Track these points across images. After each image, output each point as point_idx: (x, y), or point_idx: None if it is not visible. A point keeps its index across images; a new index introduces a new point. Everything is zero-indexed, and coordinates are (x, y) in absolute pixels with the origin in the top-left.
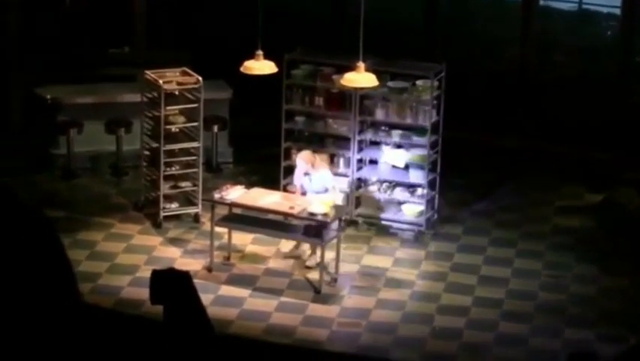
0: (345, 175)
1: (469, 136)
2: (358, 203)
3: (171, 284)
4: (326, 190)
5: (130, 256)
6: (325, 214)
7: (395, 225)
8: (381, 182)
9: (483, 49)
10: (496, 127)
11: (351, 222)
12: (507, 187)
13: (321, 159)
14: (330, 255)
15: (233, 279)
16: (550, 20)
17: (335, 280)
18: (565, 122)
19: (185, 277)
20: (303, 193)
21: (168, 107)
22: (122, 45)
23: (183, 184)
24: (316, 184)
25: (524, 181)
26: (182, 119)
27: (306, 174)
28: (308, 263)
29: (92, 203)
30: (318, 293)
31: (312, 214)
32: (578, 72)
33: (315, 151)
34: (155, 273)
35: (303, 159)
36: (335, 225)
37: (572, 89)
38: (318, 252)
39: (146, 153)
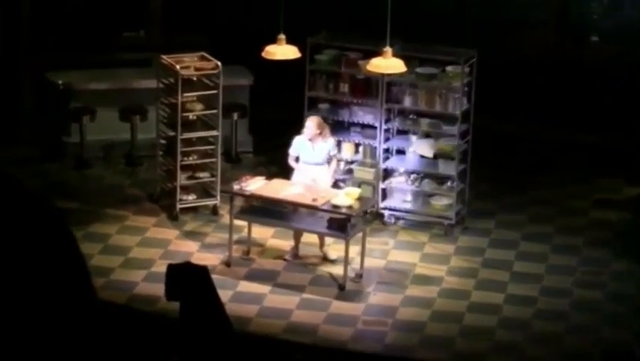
0: (371, 166)
1: (501, 125)
2: (385, 195)
3: (188, 279)
4: (328, 161)
5: (145, 250)
6: (350, 207)
7: (423, 218)
8: (409, 173)
9: (516, 33)
10: (530, 115)
11: (377, 215)
12: (540, 179)
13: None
14: (354, 249)
15: (253, 274)
16: (586, 3)
17: (360, 276)
18: (602, 111)
19: (202, 272)
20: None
21: (185, 94)
22: (137, 28)
23: (201, 175)
24: (319, 154)
25: (559, 173)
26: (200, 106)
27: (310, 140)
28: (331, 256)
29: (106, 194)
30: (342, 290)
31: (335, 207)
32: (615, 57)
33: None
34: (171, 267)
35: (315, 123)
36: (360, 218)
37: (609, 75)
38: (332, 246)
39: (162, 141)
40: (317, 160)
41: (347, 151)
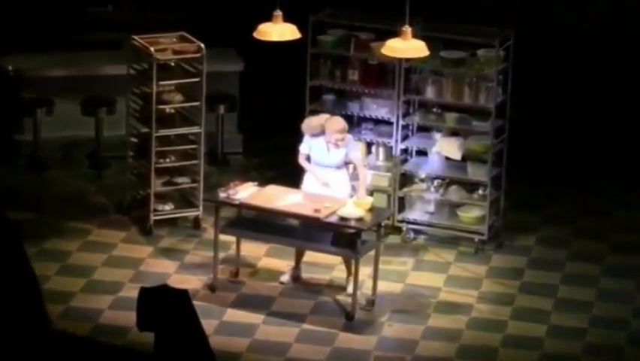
0: (385, 169)
1: (544, 120)
2: (403, 205)
3: (164, 306)
4: (345, 166)
5: (112, 271)
6: (360, 219)
7: (449, 233)
8: (432, 178)
9: (560, 9)
10: (578, 109)
11: (394, 230)
12: (591, 185)
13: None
14: (366, 271)
15: (243, 301)
16: None
17: (372, 303)
18: None
19: (182, 297)
20: (307, 160)
21: (162, 82)
22: (104, 2)
23: (180, 180)
24: (335, 157)
25: (612, 178)
26: (179, 97)
27: (327, 141)
28: (349, 290)
29: (65, 203)
30: (350, 320)
31: (343, 219)
32: None
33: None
34: (143, 292)
35: (337, 128)
36: (373, 233)
37: None
38: (339, 267)
39: (133, 139)
40: (332, 162)
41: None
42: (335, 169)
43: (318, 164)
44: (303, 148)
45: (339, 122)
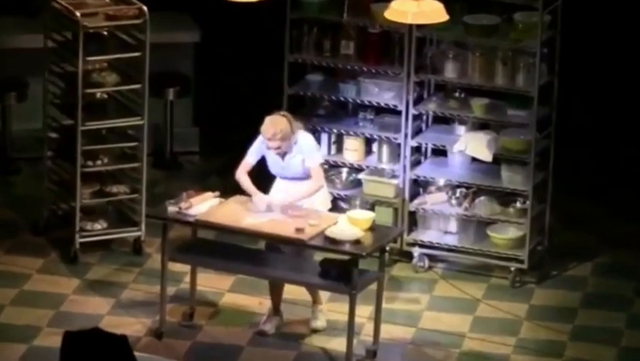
0: (391, 175)
1: (601, 108)
2: (414, 222)
3: (96, 356)
4: (305, 177)
5: (25, 311)
6: (357, 242)
7: (477, 260)
8: (454, 187)
9: None
10: None
11: (402, 256)
12: None
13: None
14: (365, 311)
15: (200, 351)
16: None
17: (373, 354)
18: None
19: (118, 345)
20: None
21: (91, 58)
22: None
23: (115, 189)
24: (292, 168)
25: None
26: (114, 78)
27: (269, 148)
28: (313, 324)
29: None
30: None
31: (334, 241)
32: None
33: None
34: (68, 338)
35: (269, 130)
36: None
37: None
38: (323, 307)
39: (53, 135)
40: (290, 173)
41: (352, 151)
42: (299, 180)
43: (278, 176)
44: (249, 155)
45: (269, 123)
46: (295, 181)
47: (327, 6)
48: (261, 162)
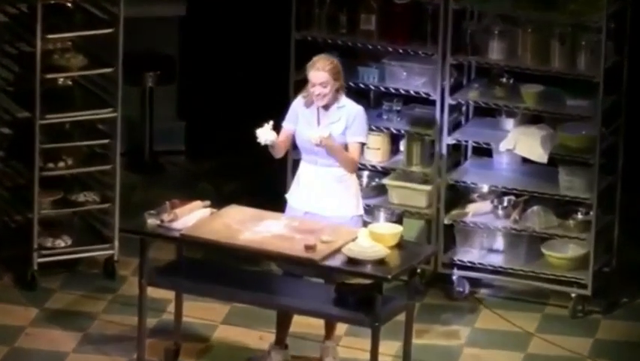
0: (423, 180)
1: None
2: (452, 239)
3: None
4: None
5: None
6: (382, 262)
7: (529, 285)
8: (500, 194)
9: None
10: None
11: (437, 279)
12: None
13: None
14: (390, 348)
15: None
16: None
17: None
18: None
19: None
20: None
21: (52, 36)
22: None
23: (82, 198)
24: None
25: None
26: (80, 60)
27: (312, 104)
28: None
29: None
30: None
31: (353, 261)
32: None
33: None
34: None
35: (326, 68)
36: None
37: None
38: (333, 344)
39: (4, 130)
40: (322, 148)
41: (374, 150)
42: (327, 164)
43: (303, 151)
44: (286, 123)
45: (321, 58)
46: (325, 167)
47: None
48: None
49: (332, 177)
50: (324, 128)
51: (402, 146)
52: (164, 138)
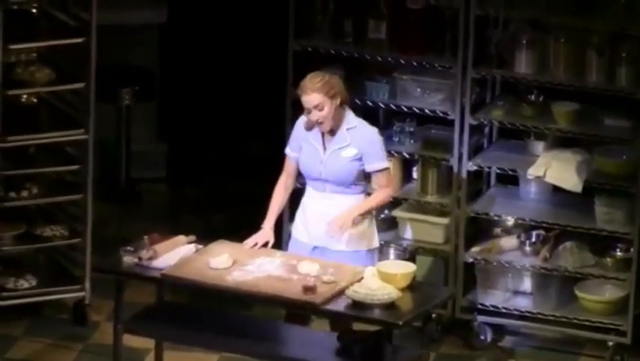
0: (439, 211)
1: None
2: (472, 279)
3: None
4: (360, 187)
5: None
6: (391, 305)
7: (561, 332)
8: (527, 228)
9: None
10: None
11: (456, 326)
12: None
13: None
14: None
15: None
16: None
17: None
18: None
19: None
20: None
21: (14, 46)
22: None
23: (48, 232)
24: (337, 164)
25: None
26: (46, 74)
27: (313, 127)
28: None
29: None
30: None
31: (358, 305)
32: None
33: None
34: None
35: (319, 85)
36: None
37: None
38: None
39: None
40: (335, 177)
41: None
42: (338, 191)
43: (309, 178)
44: (288, 147)
45: (309, 78)
46: (336, 195)
47: None
48: (259, 215)
49: (344, 206)
50: (331, 152)
51: (415, 172)
52: (142, 162)
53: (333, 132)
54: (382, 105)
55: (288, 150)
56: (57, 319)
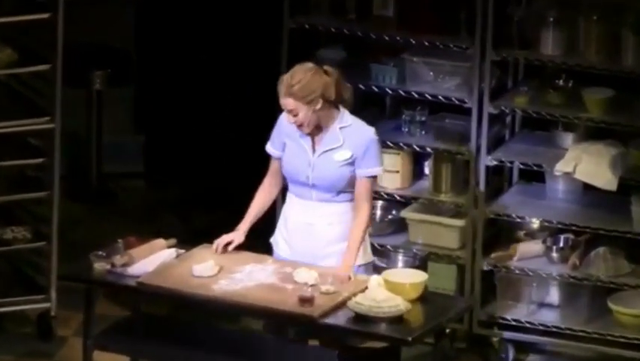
0: (454, 213)
1: None
2: (491, 290)
3: None
4: (341, 196)
5: None
6: (399, 319)
7: (593, 349)
8: (554, 231)
9: None
10: None
11: (472, 342)
12: None
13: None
14: None
15: None
16: None
17: None
18: None
19: None
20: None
21: None
22: None
23: (9, 234)
24: (327, 168)
25: None
26: (7, 54)
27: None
28: None
29: None
30: None
31: (361, 318)
32: None
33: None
34: None
35: (289, 87)
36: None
37: None
38: None
39: None
40: (324, 182)
41: (392, 173)
42: (326, 199)
43: (293, 183)
44: (270, 145)
45: (289, 74)
46: (323, 204)
47: None
48: None
49: (332, 216)
50: (321, 154)
51: (427, 168)
52: (116, 156)
53: (322, 130)
54: (390, 91)
55: (269, 148)
56: (18, 333)
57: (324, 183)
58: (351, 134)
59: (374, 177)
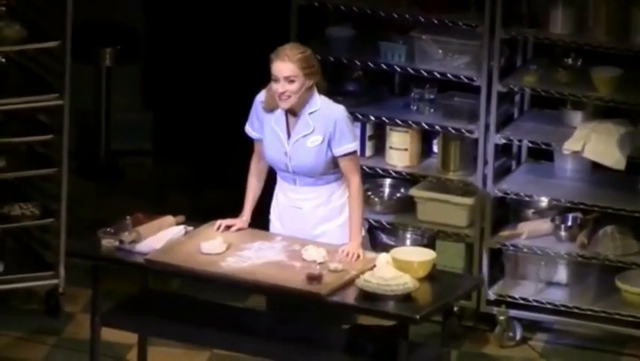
0: (462, 191)
1: None
2: (500, 268)
3: None
4: (320, 178)
5: None
6: (407, 297)
7: (599, 328)
8: (563, 210)
9: None
10: None
11: (480, 320)
12: None
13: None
14: None
15: None
16: None
17: None
18: None
19: None
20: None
21: None
22: None
23: (17, 211)
24: (303, 154)
25: None
26: (16, 31)
27: (274, 110)
28: None
29: None
30: None
31: (370, 297)
32: None
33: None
34: None
35: (295, 54)
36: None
37: None
38: None
39: None
40: (302, 167)
41: (400, 151)
42: (309, 183)
43: (276, 170)
44: (248, 126)
45: (287, 46)
46: (308, 188)
47: None
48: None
49: (318, 199)
50: (295, 142)
51: (435, 146)
52: (125, 133)
53: (294, 113)
54: (398, 69)
55: (248, 129)
56: (26, 310)
57: (304, 169)
58: (319, 118)
59: (352, 153)
